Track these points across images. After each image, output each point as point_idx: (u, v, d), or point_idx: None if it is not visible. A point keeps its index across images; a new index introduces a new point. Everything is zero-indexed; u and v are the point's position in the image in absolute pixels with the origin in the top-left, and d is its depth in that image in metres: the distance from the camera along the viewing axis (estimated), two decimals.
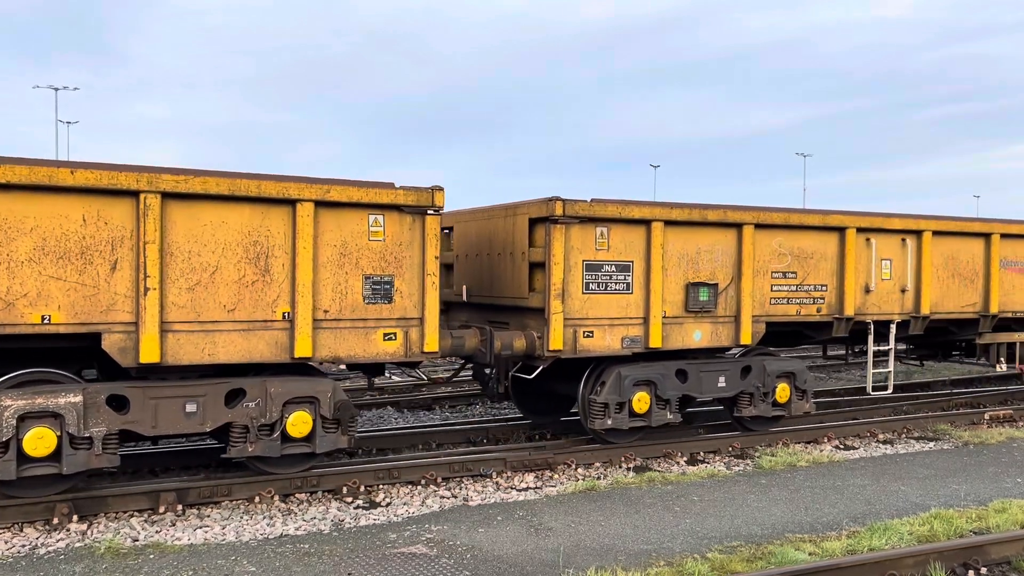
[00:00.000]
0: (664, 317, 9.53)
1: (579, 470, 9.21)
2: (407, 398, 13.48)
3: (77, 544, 6.70)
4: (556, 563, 6.30)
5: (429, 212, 8.31)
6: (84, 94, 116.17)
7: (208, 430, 7.67)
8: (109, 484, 8.07)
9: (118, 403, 7.36)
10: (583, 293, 9.15)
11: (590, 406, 9.46)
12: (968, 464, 9.68)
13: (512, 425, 11.03)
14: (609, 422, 9.34)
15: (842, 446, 10.62)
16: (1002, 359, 12.36)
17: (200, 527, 7.18)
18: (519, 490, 8.47)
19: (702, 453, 9.98)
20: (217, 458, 8.90)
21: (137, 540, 6.83)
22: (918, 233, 11.17)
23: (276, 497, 7.91)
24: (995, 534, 6.84)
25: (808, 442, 10.72)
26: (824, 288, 10.55)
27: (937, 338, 12.51)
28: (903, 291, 11.11)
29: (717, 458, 9.89)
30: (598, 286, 9.23)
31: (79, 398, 7.08)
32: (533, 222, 9.30)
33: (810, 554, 6.49)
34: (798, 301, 10.37)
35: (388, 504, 7.94)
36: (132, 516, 7.40)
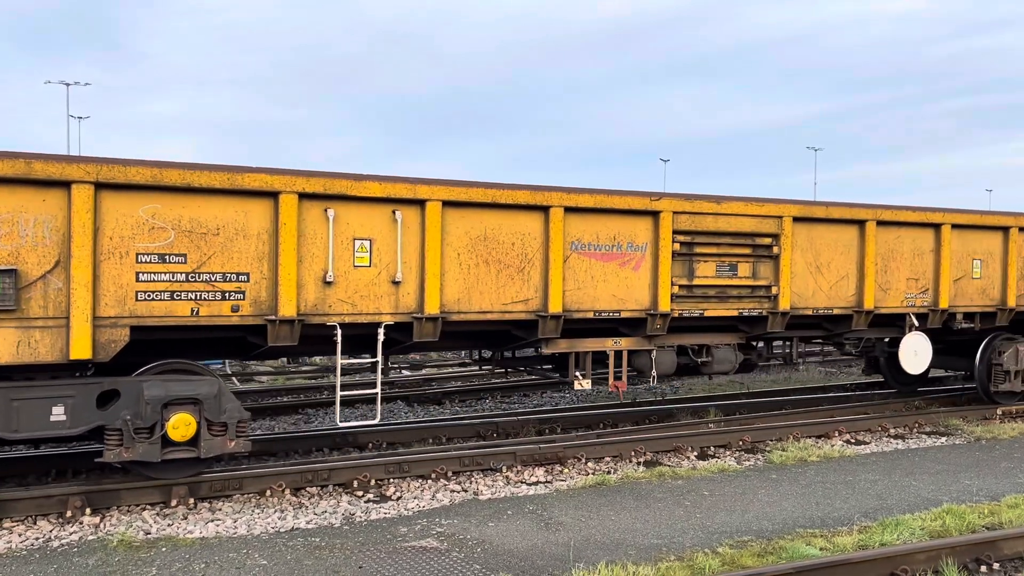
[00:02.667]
0: None
1: (589, 464, 9.21)
2: (416, 392, 13.55)
3: (90, 537, 6.75)
4: (566, 557, 6.31)
5: None
6: (96, 91, 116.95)
7: None
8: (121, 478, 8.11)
9: None
10: None
11: None
12: (980, 459, 9.64)
13: (522, 419, 11.04)
14: None
15: (853, 441, 10.59)
16: (579, 374, 9.48)
17: (212, 520, 7.22)
18: (529, 484, 8.48)
19: (712, 448, 9.97)
20: None
21: (150, 533, 6.87)
22: (419, 203, 8.22)
23: (287, 491, 7.93)
24: (1008, 530, 6.81)
25: (819, 436, 10.69)
26: (244, 278, 7.61)
27: (509, 345, 9.84)
28: (395, 283, 8.20)
29: (727, 452, 9.88)
30: None
31: None
32: None
33: (821, 549, 6.48)
34: (194, 296, 7.43)
35: (399, 498, 7.96)
36: (144, 509, 7.44)
